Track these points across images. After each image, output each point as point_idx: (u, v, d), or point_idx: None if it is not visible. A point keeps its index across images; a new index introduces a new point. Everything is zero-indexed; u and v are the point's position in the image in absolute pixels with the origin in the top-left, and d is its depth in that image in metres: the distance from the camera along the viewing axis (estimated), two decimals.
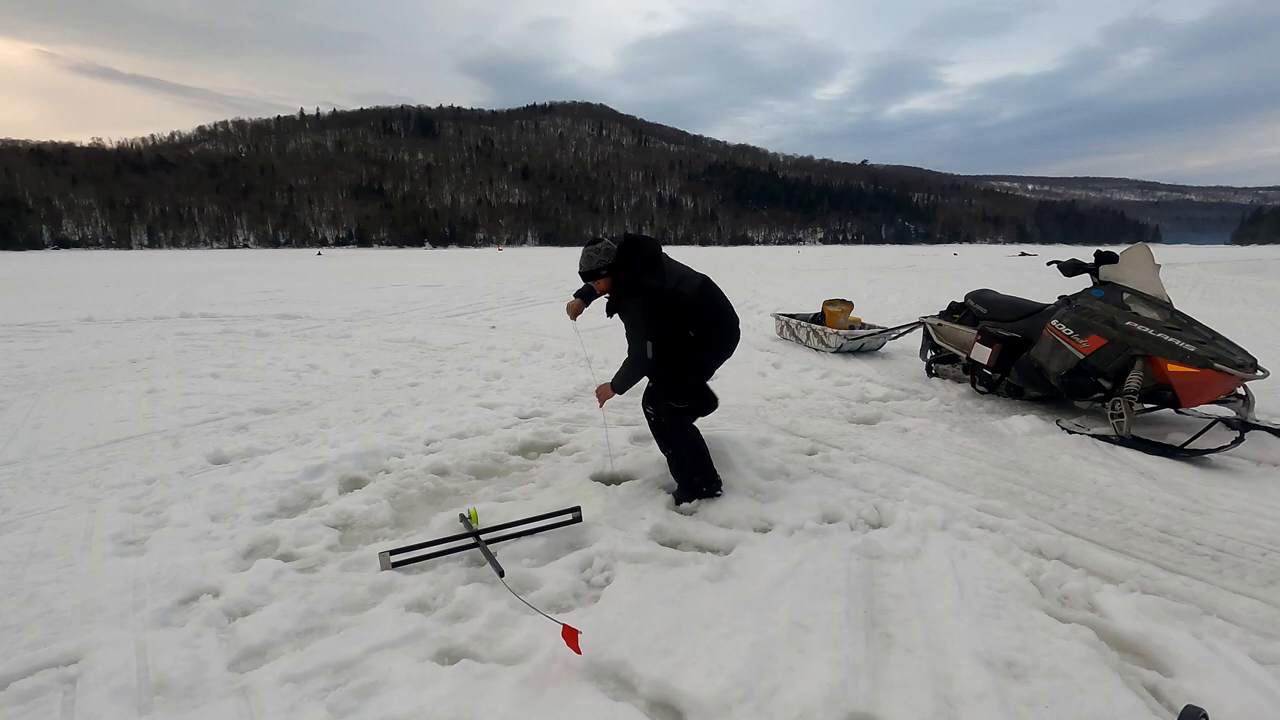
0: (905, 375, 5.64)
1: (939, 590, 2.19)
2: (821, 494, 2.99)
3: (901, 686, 1.75)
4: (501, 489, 3.22)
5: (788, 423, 4.23)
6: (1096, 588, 2.22)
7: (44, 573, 2.37)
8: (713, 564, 2.37)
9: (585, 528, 2.67)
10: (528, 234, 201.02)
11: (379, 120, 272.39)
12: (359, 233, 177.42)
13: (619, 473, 3.35)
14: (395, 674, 1.81)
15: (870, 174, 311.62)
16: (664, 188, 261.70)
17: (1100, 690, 1.72)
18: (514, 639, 1.96)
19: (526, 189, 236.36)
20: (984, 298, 5.19)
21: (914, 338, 6.78)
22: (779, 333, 7.68)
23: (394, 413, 4.48)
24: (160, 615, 2.10)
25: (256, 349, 7.10)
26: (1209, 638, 1.94)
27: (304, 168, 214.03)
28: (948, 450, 3.67)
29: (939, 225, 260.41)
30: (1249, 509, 2.84)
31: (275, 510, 2.91)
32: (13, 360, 6.41)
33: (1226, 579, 2.31)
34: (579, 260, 3.00)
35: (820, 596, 2.15)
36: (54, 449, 3.79)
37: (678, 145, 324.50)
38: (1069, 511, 2.87)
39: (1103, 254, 4.28)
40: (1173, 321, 3.75)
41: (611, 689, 1.78)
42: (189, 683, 1.78)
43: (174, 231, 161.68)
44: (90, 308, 11.09)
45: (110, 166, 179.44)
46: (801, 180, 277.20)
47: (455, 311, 10.75)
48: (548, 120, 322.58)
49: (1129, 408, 3.69)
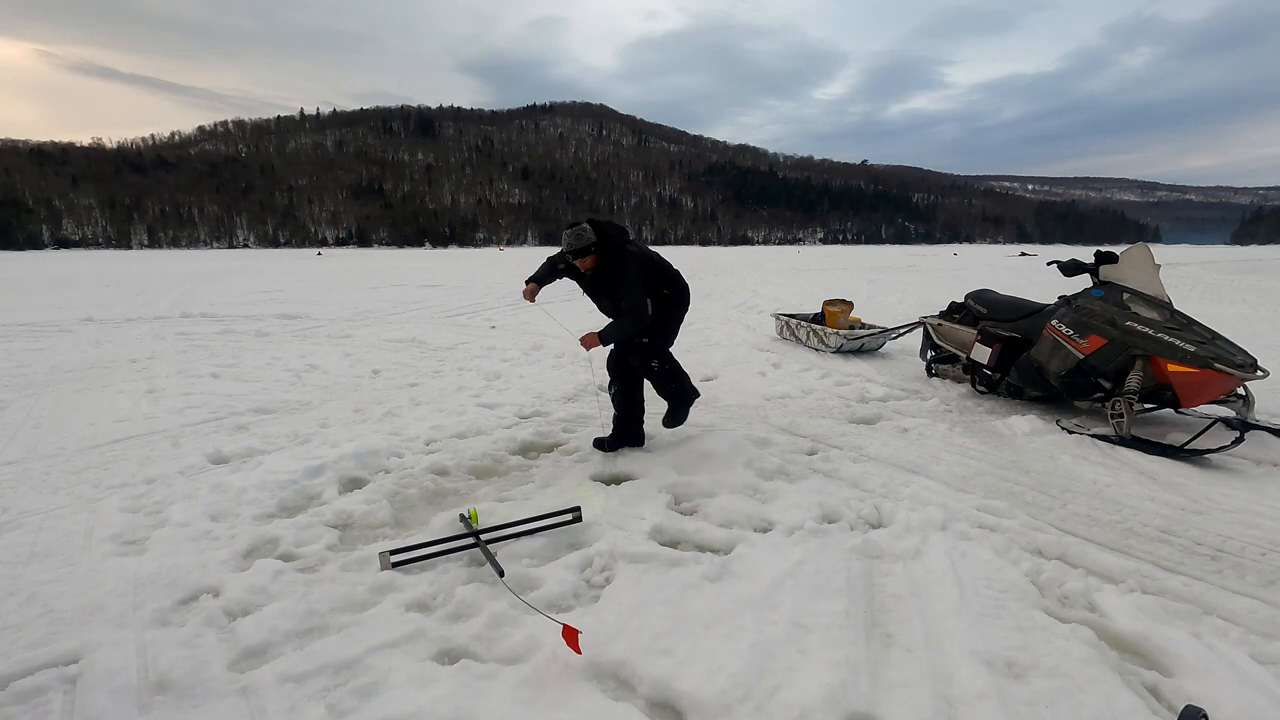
0: (905, 375, 5.64)
1: (939, 590, 2.19)
2: (821, 494, 2.99)
3: (901, 686, 1.75)
4: (501, 489, 3.22)
5: (788, 423, 4.23)
6: (1096, 588, 2.22)
7: (44, 573, 2.37)
8: (713, 564, 2.37)
9: (585, 528, 2.67)
10: (528, 234, 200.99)
11: (379, 120, 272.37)
12: (359, 233, 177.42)
13: (619, 473, 3.35)
14: (395, 674, 1.81)
15: (870, 174, 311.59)
16: (664, 188, 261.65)
17: (1100, 690, 1.72)
18: (514, 639, 1.96)
19: (526, 189, 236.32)
20: (984, 298, 5.19)
21: (914, 338, 6.78)
22: (779, 333, 7.68)
23: (394, 413, 4.48)
24: (160, 615, 2.10)
25: (256, 349, 7.10)
26: (1209, 638, 1.94)
27: (304, 168, 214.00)
28: (948, 450, 3.67)
29: (939, 225, 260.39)
30: (1249, 509, 2.84)
31: (275, 510, 2.91)
32: (13, 360, 6.40)
33: (1226, 579, 2.31)
34: (566, 240, 3.30)
35: (820, 596, 2.15)
36: (54, 449, 3.79)
37: (678, 145, 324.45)
38: (1069, 511, 2.87)
39: (1103, 254, 4.29)
40: (1173, 321, 3.76)
41: (611, 689, 1.78)
42: (189, 683, 1.78)
43: (174, 231, 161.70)
44: (90, 307, 11.09)
45: (110, 166, 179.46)
46: (801, 180, 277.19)
47: (455, 311, 10.75)
48: (548, 120, 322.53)
49: (1129, 408, 3.69)
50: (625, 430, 3.65)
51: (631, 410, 3.64)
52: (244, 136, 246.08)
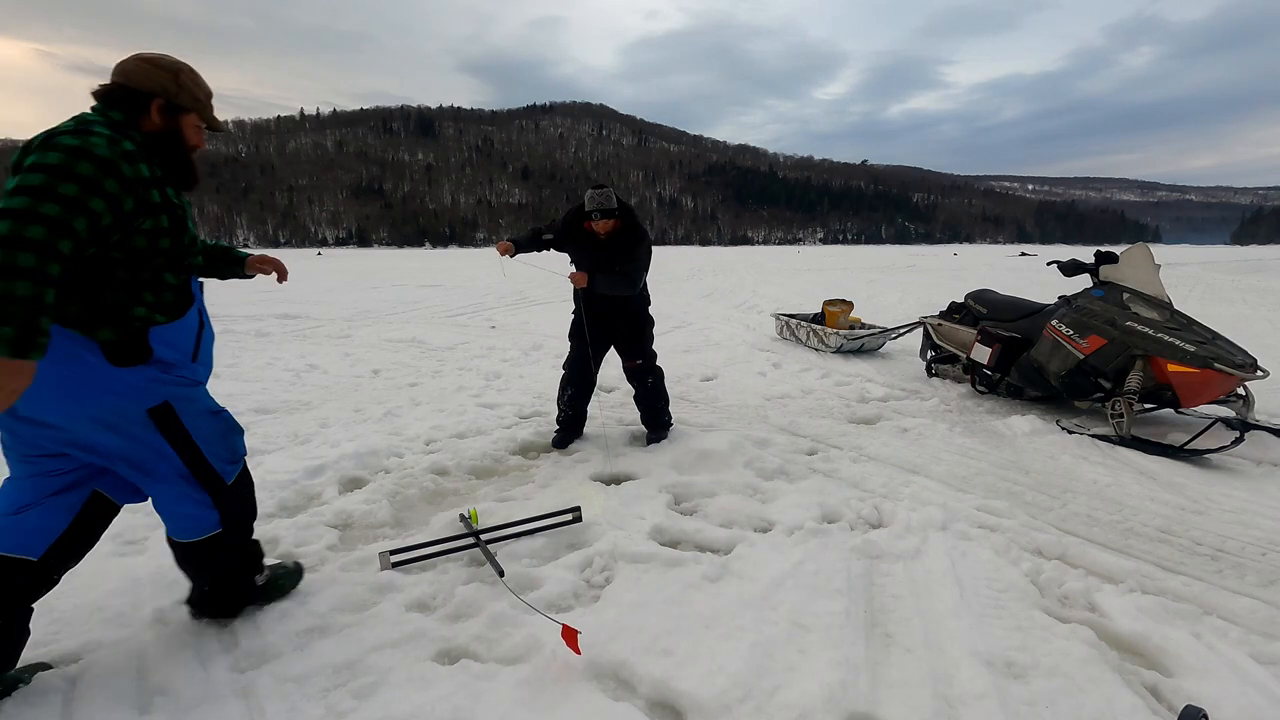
0: (905, 375, 5.64)
1: (939, 590, 2.19)
2: (821, 494, 2.99)
3: (901, 686, 1.75)
4: (501, 489, 3.22)
5: (788, 423, 4.23)
6: (1096, 588, 2.22)
7: None
8: (713, 564, 2.37)
9: (585, 527, 2.67)
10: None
11: (379, 120, 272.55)
12: (359, 233, 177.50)
13: (619, 473, 3.35)
14: (395, 674, 1.81)
15: (870, 174, 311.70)
16: (664, 188, 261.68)
17: (1100, 690, 1.72)
18: (514, 639, 1.96)
19: (526, 189, 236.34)
20: (984, 298, 5.19)
21: (914, 338, 6.78)
22: (779, 333, 7.68)
23: (394, 412, 4.48)
24: (160, 615, 2.10)
25: (256, 349, 7.10)
26: (1209, 638, 1.94)
27: (304, 168, 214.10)
28: (948, 450, 3.67)
29: (939, 225, 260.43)
30: (1249, 509, 2.84)
31: (275, 510, 2.91)
32: None
33: (1226, 579, 2.31)
34: (594, 199, 3.35)
35: (820, 596, 2.15)
36: None
37: (678, 145, 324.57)
38: (1069, 511, 2.87)
39: (1103, 254, 4.29)
40: (1173, 321, 3.76)
41: (611, 689, 1.78)
42: (189, 683, 1.78)
43: None
44: None
45: None
46: (801, 180, 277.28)
47: (455, 311, 10.75)
48: (548, 120, 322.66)
49: (1129, 408, 3.70)
50: (572, 429, 3.89)
51: (582, 412, 3.90)
52: (244, 136, 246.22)
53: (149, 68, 1.66)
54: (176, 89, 1.68)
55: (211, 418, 1.84)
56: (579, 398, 3.83)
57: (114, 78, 1.65)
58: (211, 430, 1.83)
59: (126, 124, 1.61)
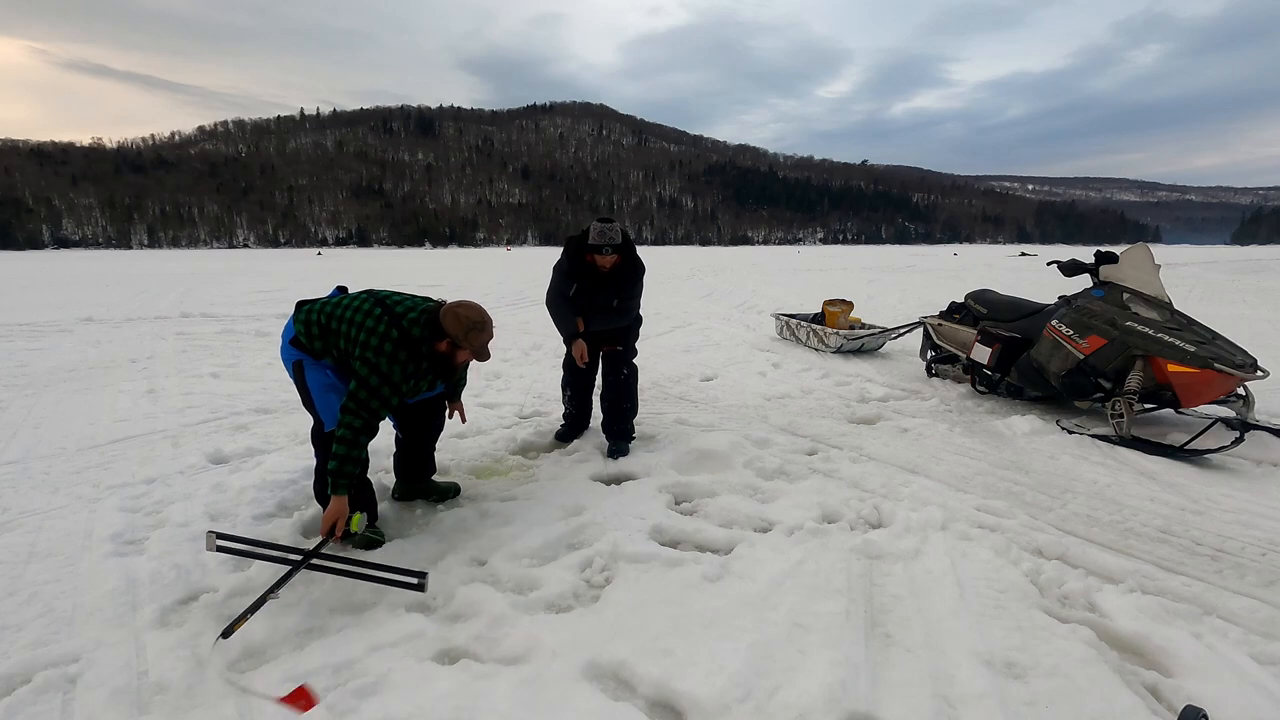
0: (905, 375, 5.64)
1: (939, 590, 2.19)
2: (821, 494, 2.99)
3: (901, 686, 1.75)
4: (501, 489, 3.22)
5: (788, 423, 4.23)
6: (1096, 588, 2.22)
7: (44, 573, 2.37)
8: (713, 564, 2.37)
9: (585, 527, 2.67)
10: (528, 234, 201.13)
11: (379, 120, 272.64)
12: (359, 233, 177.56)
13: (619, 473, 3.35)
14: (395, 674, 1.81)
15: (870, 174, 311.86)
16: (664, 188, 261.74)
17: (1100, 690, 1.72)
18: (514, 639, 1.96)
19: (526, 189, 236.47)
20: (984, 298, 5.19)
21: (914, 338, 6.78)
22: (779, 333, 7.68)
23: None
24: (160, 615, 2.10)
25: (257, 348, 7.10)
26: (1209, 638, 1.94)
27: (304, 168, 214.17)
28: (948, 450, 3.67)
29: (939, 225, 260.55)
30: (1249, 509, 2.84)
31: (275, 510, 2.91)
32: (13, 360, 6.40)
33: (1226, 579, 2.31)
34: (603, 235, 3.37)
35: (820, 596, 2.15)
36: (54, 449, 3.78)
37: (678, 145, 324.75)
38: (1069, 511, 2.87)
39: (1103, 254, 4.28)
40: (1173, 322, 3.75)
41: (611, 689, 1.78)
42: (188, 683, 1.78)
43: (174, 231, 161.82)
44: (90, 307, 11.09)
45: (110, 166, 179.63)
46: (801, 180, 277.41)
47: None
48: (548, 120, 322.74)
49: (1129, 408, 3.69)
50: (577, 425, 3.99)
51: (586, 409, 4.01)
52: (244, 136, 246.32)
53: (452, 319, 2.54)
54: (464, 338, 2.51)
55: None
56: (580, 396, 3.87)
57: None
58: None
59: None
